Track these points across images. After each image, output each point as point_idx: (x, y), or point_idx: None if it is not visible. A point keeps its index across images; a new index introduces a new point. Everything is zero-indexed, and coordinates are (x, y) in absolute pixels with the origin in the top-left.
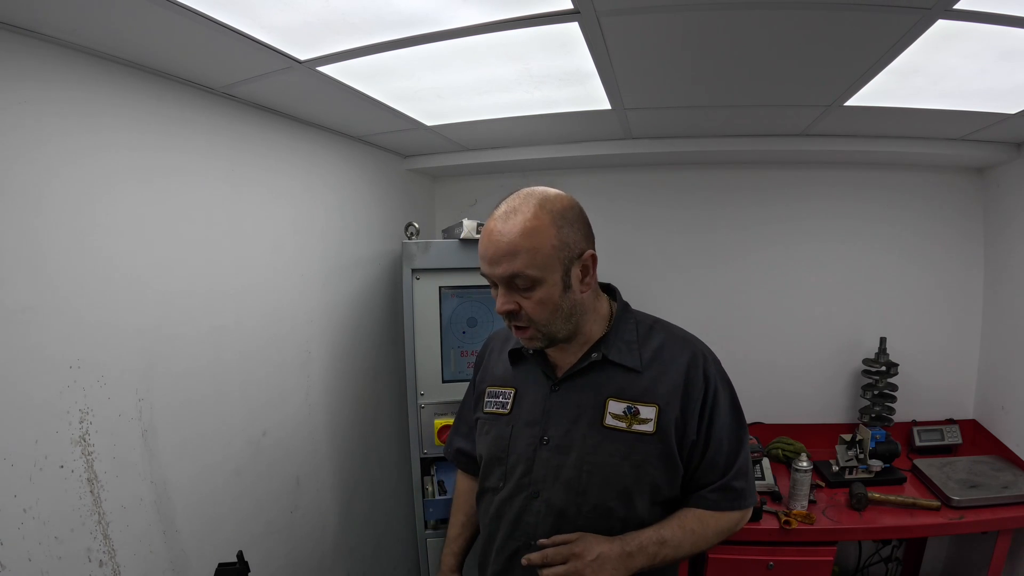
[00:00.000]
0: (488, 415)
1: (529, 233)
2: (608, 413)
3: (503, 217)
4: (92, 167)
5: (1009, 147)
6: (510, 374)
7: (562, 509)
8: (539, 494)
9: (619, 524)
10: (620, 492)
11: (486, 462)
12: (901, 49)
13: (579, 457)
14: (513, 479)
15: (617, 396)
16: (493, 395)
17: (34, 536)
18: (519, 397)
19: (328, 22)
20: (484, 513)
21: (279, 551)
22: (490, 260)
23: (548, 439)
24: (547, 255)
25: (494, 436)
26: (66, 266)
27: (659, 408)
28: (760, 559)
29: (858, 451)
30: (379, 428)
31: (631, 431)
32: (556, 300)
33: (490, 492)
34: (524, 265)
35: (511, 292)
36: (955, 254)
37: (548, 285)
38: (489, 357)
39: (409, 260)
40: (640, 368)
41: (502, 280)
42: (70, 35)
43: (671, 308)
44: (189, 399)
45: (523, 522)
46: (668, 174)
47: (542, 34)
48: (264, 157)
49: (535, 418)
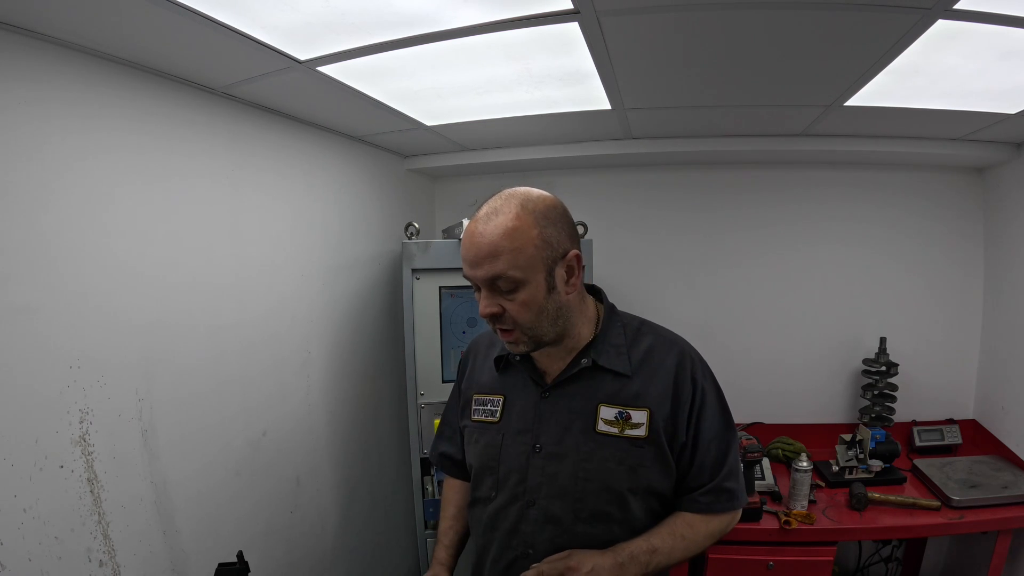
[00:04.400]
0: (476, 423)
1: (511, 234)
2: (600, 419)
3: (484, 218)
4: (92, 167)
5: (1009, 147)
6: (497, 381)
7: (559, 517)
8: (535, 502)
9: (617, 528)
10: (617, 497)
11: (476, 471)
12: (901, 49)
13: (574, 464)
14: (507, 488)
15: (608, 402)
16: (481, 403)
17: (34, 536)
18: (508, 404)
19: (328, 22)
20: (476, 523)
21: (279, 551)
22: (471, 262)
23: (540, 447)
24: (530, 256)
25: (484, 444)
26: (66, 266)
27: (650, 412)
28: (760, 559)
29: (858, 451)
30: (379, 428)
31: (624, 436)
32: (541, 301)
33: (482, 502)
34: (506, 266)
35: (494, 294)
36: (955, 254)
37: (531, 286)
38: (474, 362)
39: (409, 260)
40: (630, 372)
41: (484, 282)
42: (70, 35)
43: (671, 308)
44: (189, 399)
45: (519, 532)
46: (668, 174)
47: (542, 34)
48: (264, 157)
49: (526, 426)
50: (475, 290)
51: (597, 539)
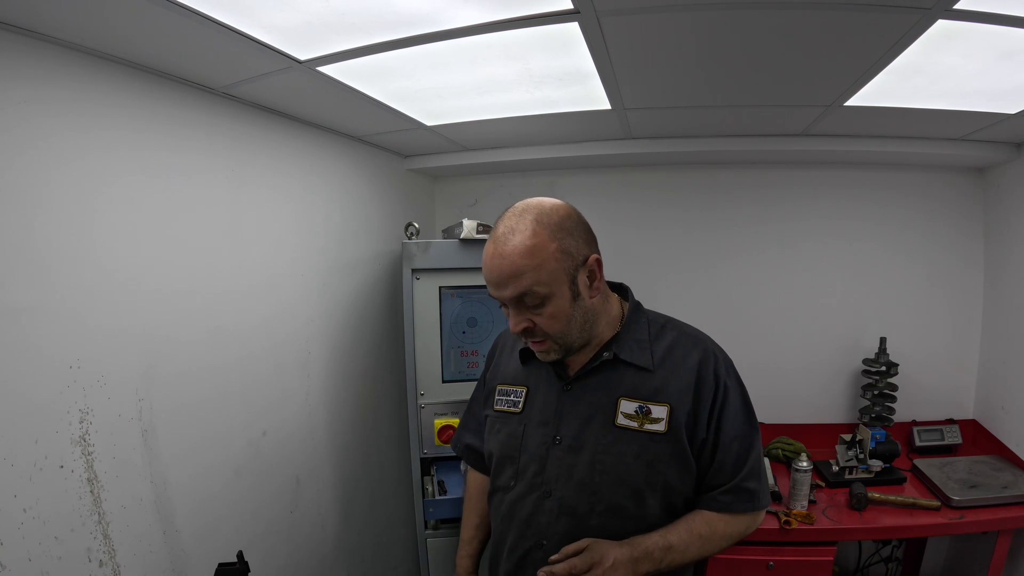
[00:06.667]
0: (499, 413)
1: (530, 252)
2: (620, 412)
3: (503, 239)
4: (92, 167)
5: (1009, 147)
6: (521, 372)
7: (575, 508)
8: (551, 493)
9: (632, 523)
10: (633, 491)
11: (497, 460)
12: (901, 49)
13: (592, 456)
14: (525, 478)
15: (629, 395)
16: (504, 393)
17: (34, 536)
18: (531, 396)
19: (328, 22)
20: (495, 512)
21: (279, 551)
22: (496, 283)
23: (560, 438)
24: (551, 270)
25: (506, 434)
26: (66, 266)
27: (671, 407)
28: (760, 559)
29: (858, 451)
30: (379, 428)
31: (643, 430)
32: (568, 311)
33: (501, 491)
34: (530, 283)
35: (522, 311)
36: (955, 254)
37: (557, 298)
38: (501, 354)
39: (409, 260)
40: (652, 367)
41: (511, 301)
42: (70, 35)
43: (671, 308)
44: (189, 399)
45: (535, 522)
46: (668, 174)
47: (542, 34)
48: (264, 157)
49: (547, 417)
50: (503, 307)
51: (612, 533)
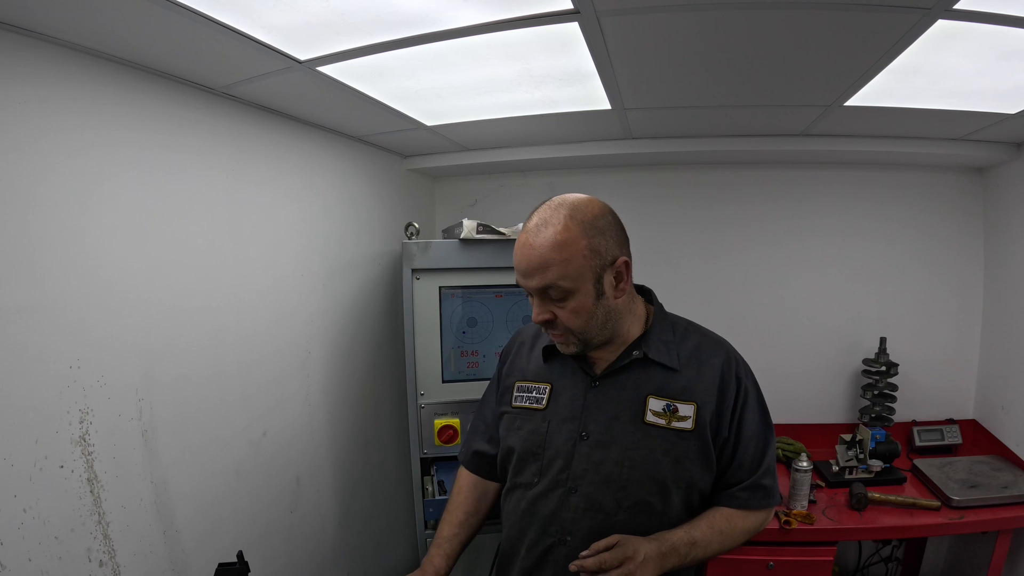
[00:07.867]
0: (519, 409)
1: (559, 246)
2: (648, 410)
3: (535, 230)
4: (92, 167)
5: (1009, 147)
6: (544, 370)
7: (601, 504)
8: (577, 489)
9: (656, 520)
10: (659, 488)
11: (519, 457)
12: (901, 49)
13: (621, 452)
14: (550, 474)
15: (657, 394)
16: (525, 390)
17: (34, 536)
18: (555, 393)
19: (328, 22)
20: (514, 509)
21: (279, 551)
22: (524, 272)
23: (588, 434)
24: (578, 266)
25: (528, 431)
26: (66, 266)
27: (697, 406)
28: (760, 559)
29: (858, 451)
30: (379, 428)
31: (671, 428)
32: (590, 308)
33: (522, 487)
34: (556, 277)
35: (545, 302)
36: (955, 254)
37: (581, 294)
38: (518, 352)
39: (409, 260)
40: (678, 367)
41: (536, 291)
42: (69, 35)
43: (671, 308)
44: (189, 399)
45: (559, 518)
46: (668, 174)
47: (542, 34)
48: (264, 157)
49: (574, 414)
50: (528, 296)
51: (637, 528)
